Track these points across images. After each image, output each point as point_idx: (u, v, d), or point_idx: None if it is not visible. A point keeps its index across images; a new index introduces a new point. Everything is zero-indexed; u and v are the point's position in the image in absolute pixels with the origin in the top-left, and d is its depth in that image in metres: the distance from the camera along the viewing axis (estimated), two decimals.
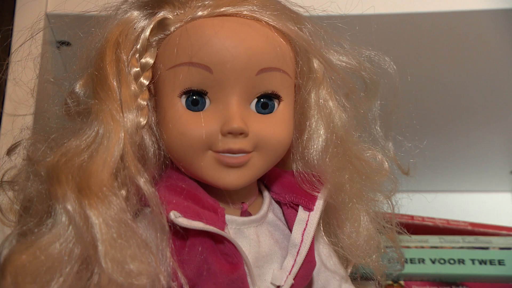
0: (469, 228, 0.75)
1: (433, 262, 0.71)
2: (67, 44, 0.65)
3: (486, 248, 0.72)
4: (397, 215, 0.57)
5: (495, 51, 0.68)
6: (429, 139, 0.57)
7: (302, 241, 0.50)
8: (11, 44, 0.60)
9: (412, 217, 0.75)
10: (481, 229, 0.75)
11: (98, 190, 0.41)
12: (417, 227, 0.74)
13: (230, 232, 0.48)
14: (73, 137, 0.44)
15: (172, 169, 0.49)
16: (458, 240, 0.73)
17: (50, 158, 0.44)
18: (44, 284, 0.40)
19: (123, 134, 0.43)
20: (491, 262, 0.70)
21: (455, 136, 0.82)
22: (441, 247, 0.72)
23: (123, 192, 0.43)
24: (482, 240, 0.72)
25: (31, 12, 0.62)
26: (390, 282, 0.70)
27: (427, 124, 0.64)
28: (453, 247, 0.72)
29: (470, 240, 0.73)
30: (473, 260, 0.70)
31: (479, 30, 0.65)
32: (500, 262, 0.70)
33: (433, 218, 0.76)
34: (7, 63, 0.54)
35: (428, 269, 0.70)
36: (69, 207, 0.41)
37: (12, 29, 0.61)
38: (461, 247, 0.72)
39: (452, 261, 0.71)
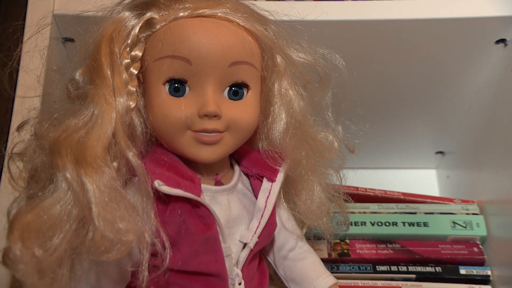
0: (402, 197, 0.75)
1: (373, 224, 0.71)
2: (71, 40, 0.63)
3: (414, 213, 0.72)
4: (344, 186, 0.57)
5: (423, 55, 0.68)
6: (371, 124, 0.57)
7: (265, 206, 0.50)
8: (22, 37, 0.58)
9: (356, 188, 0.75)
10: (411, 198, 0.75)
11: (93, 161, 0.40)
12: (360, 196, 0.74)
13: (205, 198, 0.47)
14: (73, 117, 0.43)
15: (157, 145, 0.48)
16: (393, 207, 0.73)
17: (53, 134, 0.42)
18: (46, 239, 0.39)
19: (115, 115, 0.42)
20: (418, 224, 0.71)
21: (392, 122, 0.83)
22: (379, 213, 0.72)
23: (115, 164, 0.42)
24: (411, 207, 0.73)
25: (40, 11, 0.60)
26: (337, 240, 0.70)
27: (370, 111, 0.64)
28: (388, 212, 0.72)
29: (402, 207, 0.73)
30: (404, 223, 0.71)
31: (412, 37, 0.65)
32: (425, 224, 0.71)
33: (374, 189, 0.76)
34: (17, 53, 0.52)
35: (369, 230, 0.71)
36: (68, 175, 0.40)
37: (23, 25, 0.59)
38: (395, 212, 0.72)
39: (387, 224, 0.71)
